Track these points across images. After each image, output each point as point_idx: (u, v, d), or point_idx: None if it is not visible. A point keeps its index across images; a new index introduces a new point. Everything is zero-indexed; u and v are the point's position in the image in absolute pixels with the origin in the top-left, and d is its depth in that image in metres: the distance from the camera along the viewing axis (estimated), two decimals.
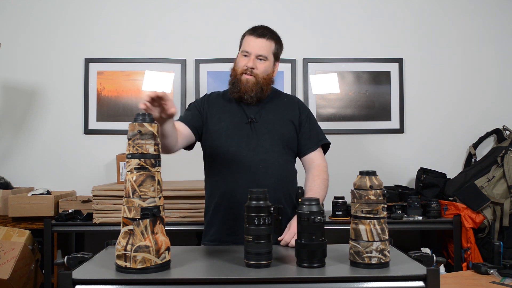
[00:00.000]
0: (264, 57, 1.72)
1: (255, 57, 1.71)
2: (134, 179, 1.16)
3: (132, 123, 1.19)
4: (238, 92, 1.72)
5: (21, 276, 2.37)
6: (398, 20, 3.07)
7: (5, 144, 2.96)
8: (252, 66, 1.70)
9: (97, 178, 2.93)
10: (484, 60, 3.08)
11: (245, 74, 1.71)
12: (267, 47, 1.72)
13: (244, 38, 1.76)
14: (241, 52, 1.74)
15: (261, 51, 1.71)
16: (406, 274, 1.13)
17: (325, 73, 3.04)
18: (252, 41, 1.71)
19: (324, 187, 1.71)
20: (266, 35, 1.73)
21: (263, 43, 1.71)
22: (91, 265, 1.22)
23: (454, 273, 1.99)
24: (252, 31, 1.74)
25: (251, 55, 1.71)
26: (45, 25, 3.00)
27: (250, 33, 1.74)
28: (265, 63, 1.73)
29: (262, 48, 1.71)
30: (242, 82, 1.71)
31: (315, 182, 1.70)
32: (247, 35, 1.75)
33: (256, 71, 1.71)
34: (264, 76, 1.72)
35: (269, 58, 1.74)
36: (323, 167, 1.75)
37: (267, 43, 1.72)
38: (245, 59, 1.72)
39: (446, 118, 3.06)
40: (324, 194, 1.70)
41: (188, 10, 3.03)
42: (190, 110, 1.78)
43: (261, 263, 1.19)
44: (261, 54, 1.71)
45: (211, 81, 2.99)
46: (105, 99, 2.98)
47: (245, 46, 1.73)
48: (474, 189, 2.60)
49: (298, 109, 1.81)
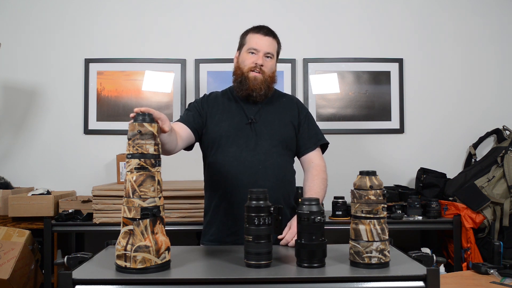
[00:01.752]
0: (271, 55, 1.75)
1: (263, 55, 1.72)
2: (134, 179, 1.16)
3: (132, 123, 1.19)
4: (247, 90, 1.72)
5: (21, 276, 2.37)
6: (398, 20, 3.07)
7: (5, 144, 2.96)
8: (261, 63, 1.71)
9: (97, 178, 2.93)
10: (484, 60, 3.08)
11: (252, 72, 1.71)
12: (273, 46, 1.76)
13: (248, 36, 1.76)
14: (248, 50, 1.74)
15: (269, 48, 1.73)
16: (406, 274, 1.13)
17: (325, 73, 3.04)
18: (259, 39, 1.73)
19: (323, 187, 1.71)
20: (271, 34, 1.76)
21: (270, 41, 1.74)
22: (91, 265, 1.22)
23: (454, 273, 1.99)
24: (258, 30, 1.75)
25: (260, 52, 1.72)
26: (45, 25, 3.00)
27: (256, 32, 1.75)
28: (272, 61, 1.76)
29: (269, 46, 1.74)
30: (250, 79, 1.71)
31: (314, 182, 1.70)
32: (252, 34, 1.75)
33: (264, 69, 1.72)
34: (270, 74, 1.74)
35: (274, 56, 1.77)
36: (322, 167, 1.76)
37: (273, 42, 1.75)
38: (253, 56, 1.72)
39: (446, 118, 3.06)
40: (323, 194, 1.71)
41: (188, 10, 3.03)
42: (190, 110, 1.78)
43: (261, 263, 1.19)
44: (269, 52, 1.73)
45: (211, 81, 2.99)
46: (105, 99, 2.98)
47: (252, 43, 1.73)
48: (474, 189, 2.60)
49: (297, 109, 1.82)
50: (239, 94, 1.76)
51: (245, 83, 1.72)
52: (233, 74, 1.79)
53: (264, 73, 1.72)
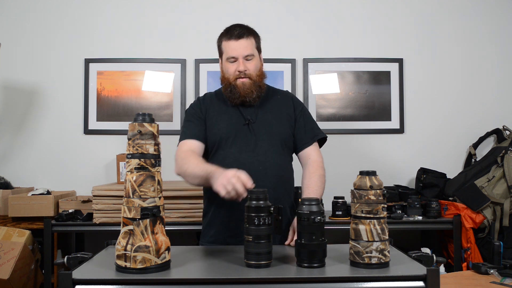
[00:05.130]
0: (251, 55, 1.70)
1: (243, 59, 1.68)
2: (134, 179, 1.16)
3: (132, 123, 1.19)
4: (239, 98, 1.69)
5: (21, 276, 2.37)
6: (398, 20, 3.07)
7: (5, 144, 2.96)
8: (244, 68, 1.68)
9: (97, 178, 2.93)
10: (484, 60, 3.08)
11: (239, 79, 1.69)
12: (250, 45, 1.70)
13: (223, 44, 1.71)
14: (227, 59, 1.70)
15: (246, 51, 1.68)
16: (406, 274, 1.13)
17: (325, 73, 3.04)
18: (233, 45, 1.67)
19: (321, 184, 1.70)
20: (244, 34, 1.69)
21: (245, 43, 1.68)
22: (91, 265, 1.22)
23: (454, 273, 1.99)
24: (229, 36, 1.69)
25: (239, 58, 1.68)
26: (45, 25, 3.00)
27: (228, 38, 1.69)
28: (254, 61, 1.71)
29: (246, 48, 1.68)
30: (239, 86, 1.68)
31: (312, 179, 1.69)
32: (225, 41, 1.70)
33: (248, 72, 1.69)
34: (257, 73, 1.71)
35: (255, 54, 1.72)
36: (319, 162, 1.74)
37: (248, 42, 1.69)
38: (233, 64, 1.69)
39: (446, 118, 3.06)
40: (321, 190, 1.70)
41: (188, 10, 3.03)
42: (192, 121, 1.75)
43: (261, 263, 1.19)
44: (247, 54, 1.69)
45: (211, 81, 2.99)
46: (105, 99, 2.98)
47: (228, 52, 1.69)
48: (474, 189, 2.60)
49: (292, 105, 1.80)
50: (233, 102, 1.73)
51: (235, 92, 1.69)
52: (221, 83, 1.76)
53: (250, 76, 1.69)
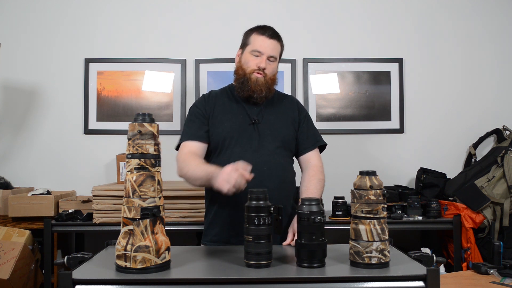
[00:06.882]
0: (274, 58, 1.74)
1: (267, 58, 1.71)
2: (134, 179, 1.16)
3: (132, 123, 1.19)
4: (248, 91, 1.71)
5: (21, 276, 2.37)
6: (398, 20, 3.07)
7: (5, 144, 2.96)
8: (264, 66, 1.71)
9: (97, 178, 2.93)
10: (484, 60, 3.08)
11: (255, 73, 1.71)
12: (277, 49, 1.75)
13: (253, 36, 1.74)
14: (252, 51, 1.72)
15: (273, 52, 1.72)
16: (406, 274, 1.13)
17: (325, 73, 3.04)
18: (264, 42, 1.71)
19: (320, 187, 1.71)
20: (276, 37, 1.74)
21: (275, 45, 1.73)
22: (91, 265, 1.22)
23: (454, 273, 1.99)
24: (263, 31, 1.73)
25: (264, 55, 1.71)
26: (45, 25, 3.00)
27: (261, 33, 1.73)
28: (274, 64, 1.75)
29: (273, 50, 1.73)
30: (252, 80, 1.70)
31: (311, 182, 1.71)
32: (257, 35, 1.73)
33: (266, 71, 1.72)
34: (271, 76, 1.74)
35: (277, 59, 1.77)
36: (319, 167, 1.76)
37: (277, 45, 1.74)
38: (256, 58, 1.72)
39: (446, 118, 3.06)
40: (320, 194, 1.71)
41: (188, 10, 3.03)
42: (194, 121, 1.75)
43: (261, 263, 1.19)
44: (273, 55, 1.73)
45: (211, 81, 2.99)
46: (105, 99, 2.98)
47: (256, 45, 1.72)
48: (474, 189, 2.60)
49: (297, 109, 1.83)
50: (240, 94, 1.75)
51: (247, 84, 1.71)
52: (235, 73, 1.78)
53: (266, 75, 1.72)
